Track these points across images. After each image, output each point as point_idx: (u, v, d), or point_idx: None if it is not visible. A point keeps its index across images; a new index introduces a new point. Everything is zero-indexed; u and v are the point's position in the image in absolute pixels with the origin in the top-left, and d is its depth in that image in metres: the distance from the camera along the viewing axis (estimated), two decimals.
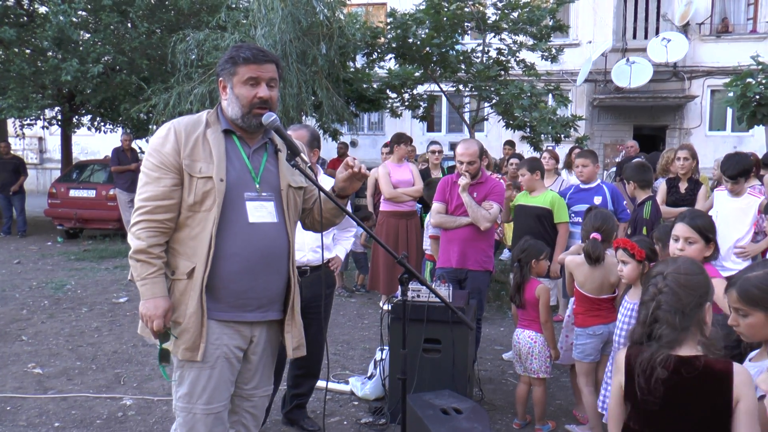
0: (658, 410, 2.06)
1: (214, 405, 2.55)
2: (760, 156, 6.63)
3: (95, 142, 20.42)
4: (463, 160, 4.87)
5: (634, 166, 5.49)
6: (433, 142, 8.37)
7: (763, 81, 9.75)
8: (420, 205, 7.45)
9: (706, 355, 2.06)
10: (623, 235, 5.09)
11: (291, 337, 2.71)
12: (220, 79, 2.60)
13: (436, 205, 5.17)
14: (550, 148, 8.73)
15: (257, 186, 2.58)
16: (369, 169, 9.25)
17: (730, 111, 16.72)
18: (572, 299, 4.32)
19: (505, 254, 9.58)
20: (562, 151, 9.37)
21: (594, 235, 4.05)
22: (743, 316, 2.16)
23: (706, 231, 3.03)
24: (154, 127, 10.93)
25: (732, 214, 4.89)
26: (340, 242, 4.29)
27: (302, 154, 2.62)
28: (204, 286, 2.47)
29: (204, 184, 2.47)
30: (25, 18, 13.62)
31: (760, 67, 10.01)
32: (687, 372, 2.02)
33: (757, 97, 9.67)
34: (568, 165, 8.28)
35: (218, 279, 2.50)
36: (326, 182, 3.96)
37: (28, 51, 13.54)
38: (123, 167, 11.65)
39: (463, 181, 4.83)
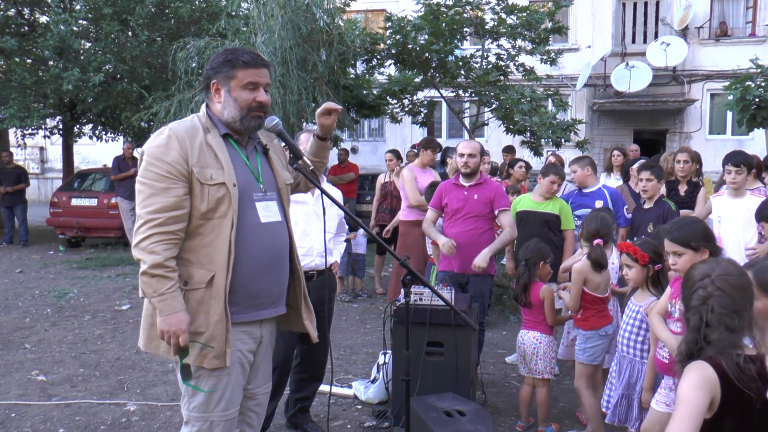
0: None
1: (231, 411, 2.56)
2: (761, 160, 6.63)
3: (96, 151, 20.45)
4: (464, 152, 4.95)
5: (658, 165, 5.51)
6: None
7: (763, 84, 9.75)
8: None
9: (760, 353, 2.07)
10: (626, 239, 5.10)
11: (310, 323, 2.79)
12: (213, 81, 2.56)
13: (429, 212, 5.24)
14: (555, 152, 8.74)
15: (261, 186, 2.61)
16: (374, 176, 9.17)
17: (729, 114, 16.74)
18: None
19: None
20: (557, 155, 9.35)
21: (597, 241, 4.06)
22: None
23: (689, 240, 2.98)
24: None
25: (736, 217, 4.89)
26: (336, 247, 4.32)
27: (305, 157, 2.65)
28: (227, 292, 2.44)
29: (217, 191, 2.44)
30: (26, 28, 13.68)
31: (759, 70, 10.03)
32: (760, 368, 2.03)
33: (757, 100, 9.67)
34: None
35: (237, 283, 2.49)
36: (328, 189, 4.00)
37: (29, 60, 13.59)
38: (123, 174, 11.66)
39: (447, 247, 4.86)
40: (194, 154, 2.44)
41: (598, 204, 5.56)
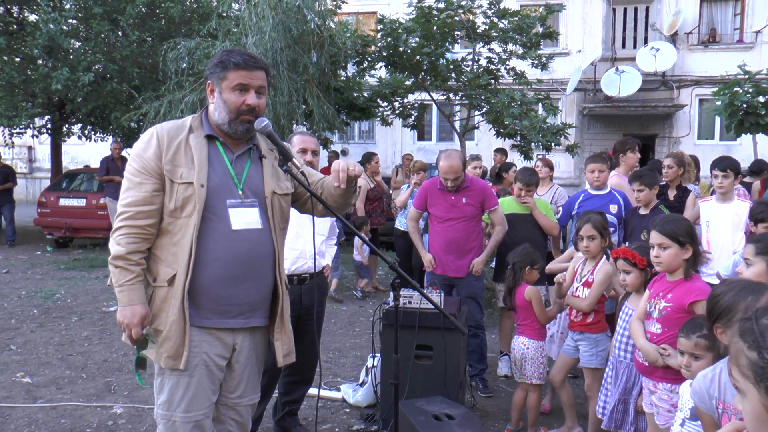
0: None
1: (193, 413, 2.53)
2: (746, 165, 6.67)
3: (85, 151, 20.31)
4: (448, 178, 4.97)
5: (649, 172, 5.45)
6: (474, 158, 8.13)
7: (750, 90, 9.85)
8: None
9: None
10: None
11: (281, 345, 2.69)
12: (209, 82, 2.57)
13: (412, 212, 5.30)
14: (545, 156, 8.73)
15: (240, 192, 2.56)
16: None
17: (718, 120, 16.86)
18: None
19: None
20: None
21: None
22: None
23: (677, 234, 3.05)
24: None
25: (724, 221, 4.92)
26: (327, 251, 4.31)
27: (294, 159, 2.62)
28: (185, 293, 2.44)
29: (185, 190, 2.45)
30: (15, 26, 13.57)
31: (746, 76, 10.12)
32: None
33: (745, 105, 9.77)
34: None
35: (199, 285, 2.47)
36: None
37: (17, 59, 13.48)
38: (108, 177, 11.58)
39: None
40: (169, 152, 2.47)
41: (613, 209, 5.40)
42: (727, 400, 2.00)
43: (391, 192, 10.44)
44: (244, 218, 2.54)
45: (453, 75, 11.82)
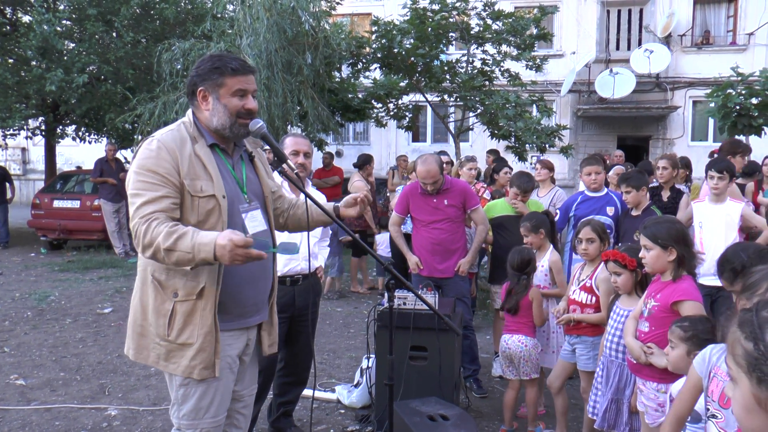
0: None
1: (220, 417, 2.58)
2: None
3: (79, 153, 20.25)
4: (427, 182, 4.97)
5: (636, 174, 5.45)
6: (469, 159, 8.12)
7: (743, 92, 9.91)
8: None
9: None
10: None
11: (267, 335, 2.76)
12: (200, 88, 2.52)
13: (394, 216, 5.34)
14: (543, 158, 8.74)
15: (245, 196, 2.59)
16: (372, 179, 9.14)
17: (711, 121, 16.93)
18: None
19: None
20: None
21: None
22: None
23: (657, 237, 3.08)
24: (139, 137, 10.88)
25: (717, 222, 4.94)
26: (320, 252, 4.32)
27: (288, 161, 2.64)
28: (216, 304, 2.44)
29: (207, 203, 2.43)
30: (8, 27, 13.51)
31: (739, 78, 10.17)
32: None
33: (738, 107, 9.82)
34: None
35: (226, 293, 2.49)
36: (313, 193, 4.00)
37: (11, 60, 13.42)
38: (102, 179, 11.55)
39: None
40: (184, 165, 2.42)
41: (609, 211, 5.43)
42: (721, 366, 2.06)
43: (388, 194, 10.46)
44: (254, 221, 2.59)
45: (447, 76, 11.85)
